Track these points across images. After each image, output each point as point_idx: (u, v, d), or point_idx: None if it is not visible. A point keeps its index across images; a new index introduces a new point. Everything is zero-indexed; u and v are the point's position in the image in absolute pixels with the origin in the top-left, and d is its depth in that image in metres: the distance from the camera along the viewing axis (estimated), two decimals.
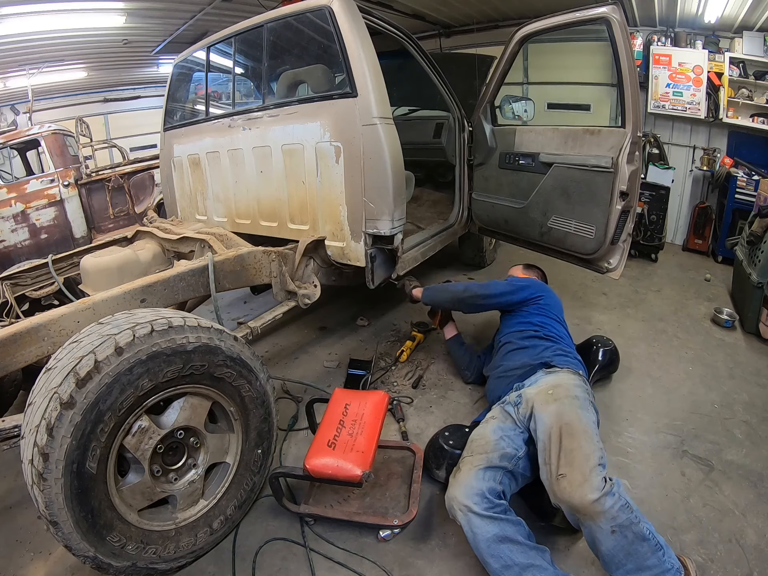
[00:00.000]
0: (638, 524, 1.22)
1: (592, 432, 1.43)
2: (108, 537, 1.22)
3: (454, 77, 2.90)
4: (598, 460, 1.33)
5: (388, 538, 1.52)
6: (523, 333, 1.96)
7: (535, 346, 1.87)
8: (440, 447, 1.72)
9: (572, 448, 1.36)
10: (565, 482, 1.29)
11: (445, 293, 2.28)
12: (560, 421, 1.45)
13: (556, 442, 1.40)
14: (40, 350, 1.42)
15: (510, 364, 1.89)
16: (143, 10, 4.64)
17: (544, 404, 1.55)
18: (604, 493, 1.23)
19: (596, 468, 1.29)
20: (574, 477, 1.28)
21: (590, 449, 1.35)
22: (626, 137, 2.20)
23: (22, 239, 4.40)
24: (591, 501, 1.22)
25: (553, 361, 1.78)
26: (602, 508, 1.21)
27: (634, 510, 1.24)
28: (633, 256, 4.40)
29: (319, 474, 1.46)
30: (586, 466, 1.30)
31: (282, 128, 2.23)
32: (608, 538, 1.21)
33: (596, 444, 1.39)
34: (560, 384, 1.63)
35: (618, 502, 1.22)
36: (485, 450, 1.49)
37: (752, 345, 2.80)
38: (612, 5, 2.11)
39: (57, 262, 2.39)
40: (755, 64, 4.30)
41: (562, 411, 1.49)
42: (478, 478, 1.39)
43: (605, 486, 1.24)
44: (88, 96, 7.88)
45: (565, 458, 1.34)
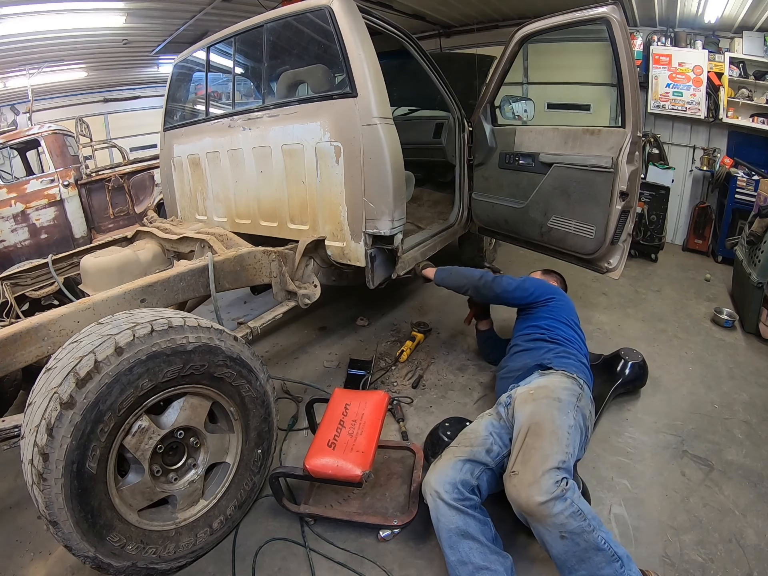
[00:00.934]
0: (591, 533, 1.16)
1: (562, 435, 1.37)
2: (108, 537, 1.22)
3: (454, 77, 2.90)
4: (557, 463, 1.26)
5: (388, 538, 1.52)
6: (530, 335, 1.95)
7: (539, 348, 1.86)
8: (438, 438, 1.77)
9: (533, 447, 1.33)
10: (516, 479, 1.27)
11: (460, 277, 2.24)
12: (531, 420, 1.44)
13: (522, 439, 1.38)
14: (40, 350, 1.42)
15: (513, 366, 1.89)
16: (143, 10, 4.64)
17: (523, 403, 1.56)
18: (553, 497, 1.17)
19: (551, 471, 1.23)
20: (525, 476, 1.25)
21: (551, 451, 1.30)
22: (626, 137, 2.20)
23: (22, 239, 4.40)
24: (537, 503, 1.18)
25: (552, 363, 1.75)
26: (549, 512, 1.17)
27: (588, 518, 1.18)
28: (633, 256, 4.40)
29: (319, 474, 1.46)
30: (540, 468, 1.25)
31: (282, 128, 2.23)
32: (557, 542, 1.17)
33: (561, 447, 1.33)
34: (546, 385, 1.62)
35: (569, 509, 1.17)
36: (471, 443, 1.50)
37: (752, 345, 2.81)
38: (612, 5, 2.11)
39: (57, 262, 2.39)
40: (755, 64, 4.30)
41: (537, 411, 1.48)
42: (456, 468, 1.39)
43: (556, 490, 1.18)
44: (88, 96, 7.88)
45: (522, 456, 1.32)
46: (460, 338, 2.85)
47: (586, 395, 1.64)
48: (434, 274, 2.34)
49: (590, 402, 1.66)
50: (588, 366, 1.84)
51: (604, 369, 2.26)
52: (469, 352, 2.70)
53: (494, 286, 2.10)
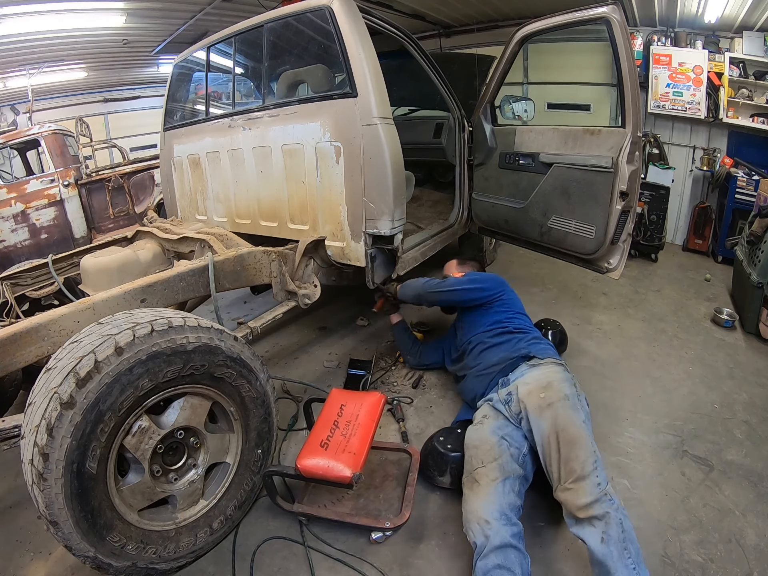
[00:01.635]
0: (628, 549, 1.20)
1: (586, 434, 1.46)
2: (108, 537, 1.22)
3: (454, 77, 2.90)
4: (593, 465, 1.37)
5: (380, 541, 1.52)
6: (493, 331, 1.97)
7: (509, 341, 1.90)
8: (440, 453, 1.69)
9: (569, 457, 1.40)
10: (561, 488, 1.37)
11: (409, 289, 2.26)
12: (556, 428, 1.48)
13: (555, 450, 1.44)
14: (40, 350, 1.42)
15: (487, 362, 1.88)
16: (143, 10, 4.63)
17: (538, 410, 1.55)
18: (596, 499, 1.27)
19: (592, 473, 1.34)
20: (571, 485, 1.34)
21: (585, 455, 1.39)
22: (626, 137, 2.20)
23: (22, 239, 4.40)
24: (584, 504, 1.28)
25: (531, 351, 1.80)
26: (594, 512, 1.26)
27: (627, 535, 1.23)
28: (633, 256, 4.40)
29: (309, 474, 1.47)
30: (583, 472, 1.35)
31: (282, 128, 2.23)
32: (599, 546, 1.22)
33: (590, 446, 1.43)
34: (550, 383, 1.64)
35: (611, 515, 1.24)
36: (494, 457, 1.50)
37: (752, 345, 2.80)
38: (612, 5, 2.11)
39: (57, 262, 2.39)
40: (755, 64, 4.29)
41: (556, 417, 1.51)
42: (498, 491, 1.40)
43: (600, 491, 1.29)
44: (88, 96, 7.87)
45: (564, 467, 1.39)
46: None
47: (574, 377, 1.73)
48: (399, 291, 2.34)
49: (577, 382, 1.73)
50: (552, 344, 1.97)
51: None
52: None
53: (439, 288, 2.11)
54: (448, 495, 1.70)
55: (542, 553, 1.46)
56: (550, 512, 1.56)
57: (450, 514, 1.62)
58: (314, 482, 1.57)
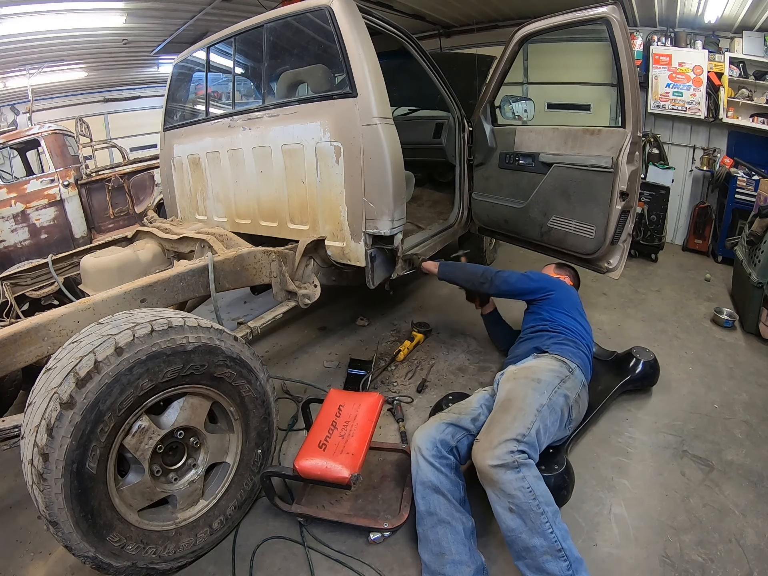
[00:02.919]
0: (540, 516, 1.22)
1: (529, 412, 1.45)
2: (108, 537, 1.22)
3: (454, 77, 2.90)
4: (515, 435, 1.35)
5: (378, 541, 1.51)
6: (534, 327, 2.03)
7: (540, 336, 1.95)
8: (439, 407, 1.96)
9: (497, 420, 1.46)
10: (476, 445, 1.40)
11: (464, 272, 2.33)
12: (506, 397, 1.56)
13: (492, 413, 1.53)
14: (40, 350, 1.42)
15: (516, 352, 1.98)
16: (143, 10, 4.63)
17: (504, 382, 1.69)
18: (504, 464, 1.28)
19: (508, 441, 1.33)
20: (483, 443, 1.38)
21: (512, 425, 1.40)
22: (626, 137, 2.20)
23: (22, 239, 4.40)
24: (488, 465, 1.29)
25: (549, 348, 1.83)
26: (498, 477, 1.27)
27: (540, 501, 1.23)
28: (633, 256, 4.40)
29: (307, 474, 1.46)
30: (498, 438, 1.36)
31: (282, 128, 2.23)
32: (507, 515, 1.25)
33: (525, 422, 1.41)
34: (530, 366, 1.73)
35: (519, 482, 1.25)
36: (460, 411, 1.64)
37: (752, 345, 2.80)
38: (612, 5, 2.11)
39: (57, 262, 2.39)
40: (755, 64, 4.30)
41: (513, 388, 1.59)
42: (438, 429, 1.53)
43: (508, 459, 1.28)
44: (88, 96, 7.87)
45: (486, 427, 1.46)
46: (461, 338, 2.85)
47: (575, 379, 1.70)
48: (437, 268, 2.38)
49: (581, 386, 1.73)
50: (588, 355, 1.89)
51: (616, 365, 2.31)
52: (470, 352, 2.70)
53: (496, 281, 2.17)
54: None
55: None
56: None
57: None
58: (312, 483, 1.57)
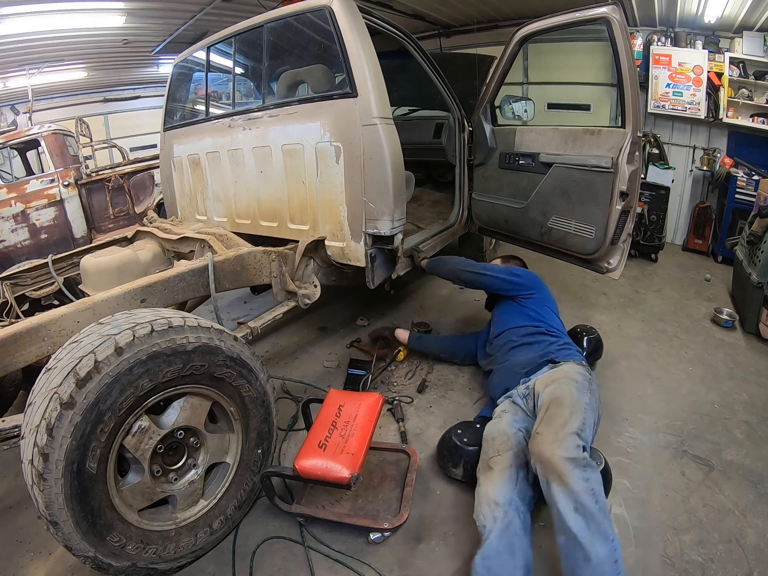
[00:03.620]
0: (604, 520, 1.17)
1: (579, 408, 1.46)
2: (108, 537, 1.22)
3: (454, 77, 2.90)
4: (576, 429, 1.35)
5: (379, 541, 1.51)
6: (525, 329, 2.01)
7: (540, 342, 1.93)
8: (455, 445, 1.72)
9: (555, 414, 1.44)
10: (539, 438, 1.36)
11: (446, 264, 2.36)
12: (553, 395, 1.55)
13: (544, 410, 1.49)
14: (40, 350, 1.42)
15: (515, 360, 1.93)
16: (143, 10, 4.64)
17: (543, 386, 1.66)
18: (574, 458, 1.24)
19: (572, 434, 1.32)
20: (548, 435, 1.34)
21: (571, 419, 1.39)
22: (626, 137, 2.20)
23: (22, 239, 4.40)
24: (558, 456, 1.25)
25: (558, 357, 1.85)
26: (567, 471, 1.22)
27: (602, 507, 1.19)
28: (633, 256, 4.40)
29: (308, 475, 1.46)
30: (562, 430, 1.34)
31: (282, 128, 2.23)
32: (571, 515, 1.17)
33: (580, 418, 1.41)
34: (562, 369, 1.75)
35: (586, 482, 1.21)
36: (509, 446, 1.51)
37: (752, 345, 2.80)
38: (612, 5, 2.10)
39: (57, 262, 2.39)
40: (755, 64, 4.30)
41: (557, 388, 1.59)
42: (511, 478, 1.40)
43: (577, 454, 1.26)
44: (88, 96, 7.87)
45: (546, 420, 1.42)
46: None
47: (594, 381, 1.73)
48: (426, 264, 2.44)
49: (598, 387, 1.73)
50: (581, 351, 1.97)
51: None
52: None
53: (479, 269, 2.18)
54: (448, 496, 1.71)
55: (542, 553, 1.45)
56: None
57: (450, 514, 1.62)
58: (312, 483, 1.57)
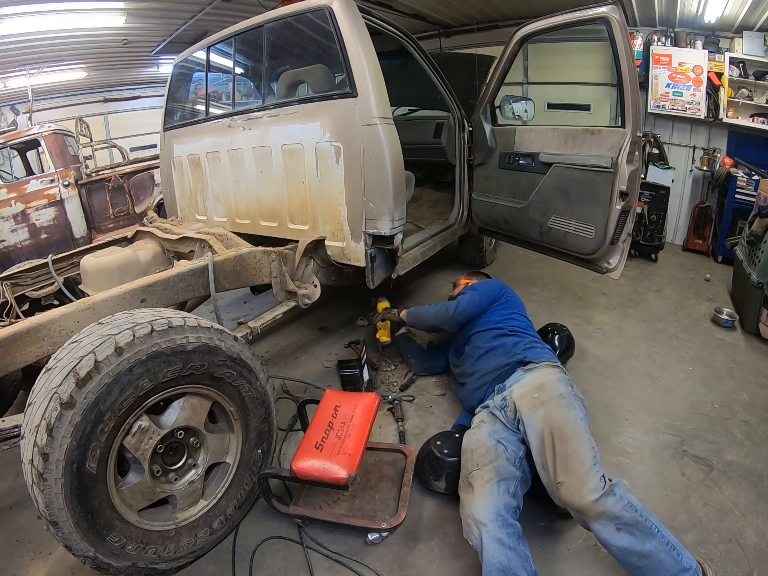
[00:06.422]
0: (644, 522, 1.23)
1: (582, 431, 1.45)
2: (108, 537, 1.22)
3: (454, 77, 2.90)
4: (592, 460, 1.36)
5: (377, 542, 1.51)
6: (488, 334, 1.96)
7: (504, 345, 1.88)
8: (436, 458, 1.67)
9: (566, 454, 1.38)
10: (564, 489, 1.33)
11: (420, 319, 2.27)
12: (550, 425, 1.46)
13: (550, 448, 1.41)
14: (40, 350, 1.42)
15: (484, 369, 1.88)
16: (143, 10, 4.64)
17: (531, 409, 1.55)
18: (604, 494, 1.25)
19: (592, 469, 1.33)
20: (572, 483, 1.32)
21: (583, 451, 1.38)
22: (626, 137, 2.20)
23: (22, 239, 4.40)
24: (591, 501, 1.25)
25: (527, 356, 1.79)
26: (603, 508, 1.24)
27: (639, 509, 1.25)
28: (633, 256, 4.40)
29: (305, 476, 1.46)
30: (582, 471, 1.33)
31: (282, 128, 2.23)
32: (615, 536, 1.22)
33: (588, 443, 1.41)
34: (544, 384, 1.64)
35: (620, 503, 1.24)
36: (489, 459, 1.48)
37: (752, 345, 2.80)
38: (612, 5, 2.11)
39: (57, 262, 2.39)
40: (755, 64, 4.29)
41: (550, 414, 1.50)
42: (493, 493, 1.37)
43: (605, 486, 1.27)
44: (88, 96, 7.87)
45: (561, 465, 1.37)
46: None
47: (572, 380, 1.71)
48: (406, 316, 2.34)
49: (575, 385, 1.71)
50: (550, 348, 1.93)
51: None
52: None
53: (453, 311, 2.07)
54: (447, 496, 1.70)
55: (542, 553, 1.45)
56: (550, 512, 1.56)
57: (449, 514, 1.62)
58: (310, 484, 1.56)
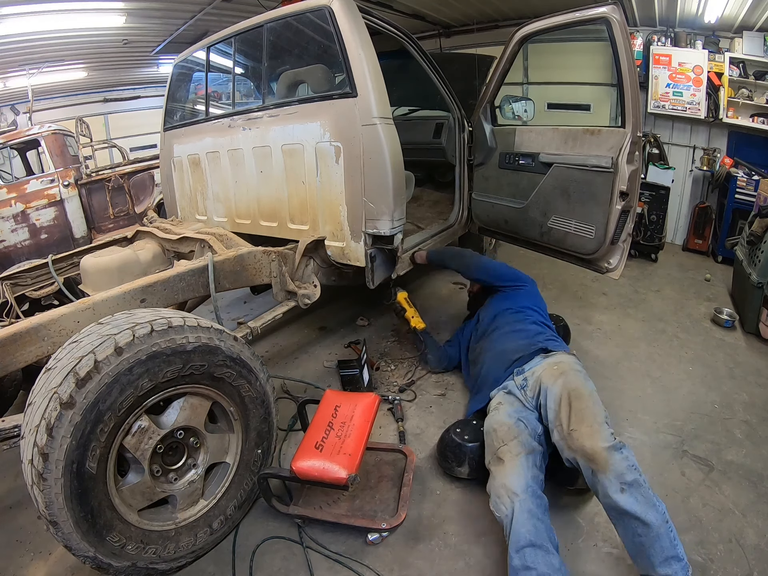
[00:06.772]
0: (648, 490, 1.26)
1: (597, 397, 1.55)
2: (108, 537, 1.22)
3: (454, 77, 2.90)
4: (604, 418, 1.45)
5: (377, 542, 1.51)
6: (521, 314, 2.08)
7: (527, 330, 1.98)
8: (458, 444, 1.72)
9: (581, 408, 1.48)
10: (576, 434, 1.41)
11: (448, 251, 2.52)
12: (568, 388, 1.57)
13: (566, 405, 1.51)
14: (40, 350, 1.42)
15: (507, 346, 1.95)
16: (143, 10, 4.64)
17: (552, 378, 1.66)
18: (613, 447, 1.32)
19: (603, 424, 1.42)
20: (585, 430, 1.40)
21: (597, 409, 1.48)
22: (626, 137, 2.20)
23: (22, 239, 4.40)
24: (602, 447, 1.32)
25: (548, 346, 1.88)
26: (611, 458, 1.29)
27: (643, 475, 1.29)
28: (633, 256, 4.40)
29: (305, 476, 1.46)
30: (595, 422, 1.42)
31: (282, 128, 2.23)
32: (619, 496, 1.25)
33: (601, 406, 1.51)
34: (562, 361, 1.77)
35: (626, 461, 1.29)
36: (513, 435, 1.54)
37: (752, 345, 2.80)
38: (612, 5, 2.10)
39: (57, 262, 2.39)
40: (755, 64, 4.29)
41: (569, 380, 1.62)
42: (523, 465, 1.44)
43: (614, 440, 1.34)
44: (88, 96, 7.88)
45: (575, 416, 1.46)
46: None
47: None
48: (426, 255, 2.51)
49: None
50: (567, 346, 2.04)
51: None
52: None
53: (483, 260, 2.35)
54: (447, 495, 1.71)
55: None
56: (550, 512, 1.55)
57: (449, 514, 1.62)
58: (310, 484, 1.56)
